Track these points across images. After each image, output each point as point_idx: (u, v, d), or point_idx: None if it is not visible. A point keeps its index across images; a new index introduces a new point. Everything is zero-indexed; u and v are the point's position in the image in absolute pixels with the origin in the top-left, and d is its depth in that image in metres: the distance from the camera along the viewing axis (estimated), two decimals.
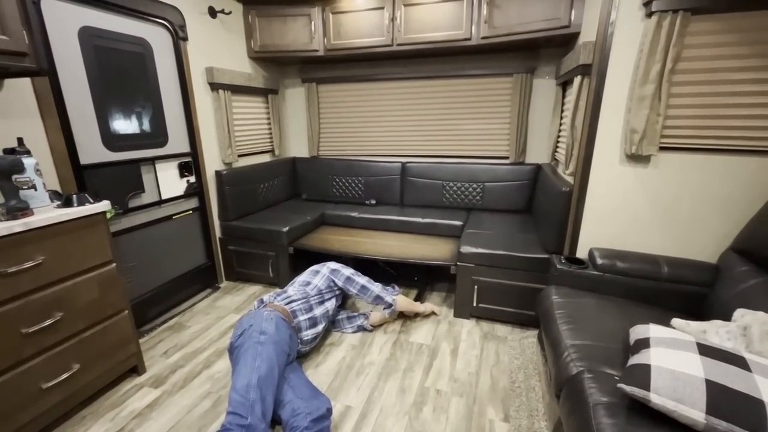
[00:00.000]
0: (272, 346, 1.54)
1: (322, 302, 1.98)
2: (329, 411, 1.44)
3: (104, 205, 1.57)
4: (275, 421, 1.44)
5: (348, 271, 2.13)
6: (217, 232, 2.81)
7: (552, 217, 2.07)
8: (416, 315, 2.34)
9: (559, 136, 2.55)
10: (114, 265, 1.63)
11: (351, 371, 1.84)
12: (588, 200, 1.76)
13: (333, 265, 2.14)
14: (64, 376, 1.45)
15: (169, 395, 1.69)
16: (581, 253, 1.82)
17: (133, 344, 1.76)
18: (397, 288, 2.34)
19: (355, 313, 2.16)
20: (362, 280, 2.13)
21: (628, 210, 1.75)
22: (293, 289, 1.97)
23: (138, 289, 2.20)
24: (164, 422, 1.54)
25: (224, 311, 2.44)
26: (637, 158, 1.68)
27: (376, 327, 2.19)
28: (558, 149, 2.58)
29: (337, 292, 2.11)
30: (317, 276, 2.07)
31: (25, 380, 1.34)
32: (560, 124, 2.54)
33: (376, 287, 2.14)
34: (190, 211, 2.55)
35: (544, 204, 2.30)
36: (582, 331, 1.31)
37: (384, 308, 2.18)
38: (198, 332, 2.20)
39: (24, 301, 1.32)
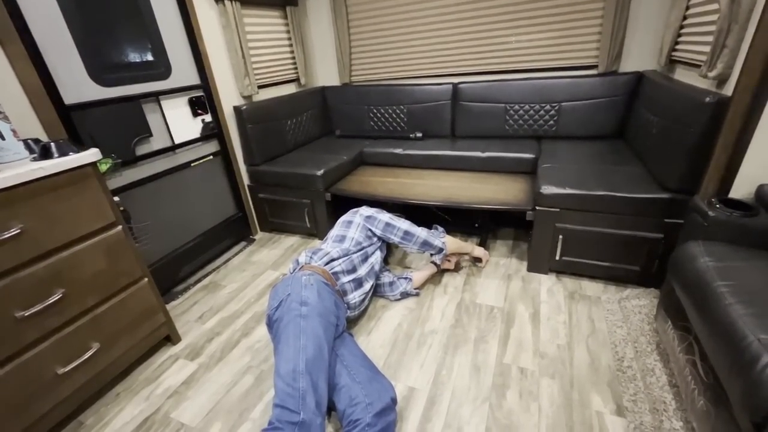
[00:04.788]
0: (317, 319, 1.24)
1: (365, 258, 1.64)
2: (393, 401, 1.16)
3: (92, 154, 1.23)
4: (328, 406, 1.18)
5: (385, 216, 1.74)
6: (245, 179, 2.48)
7: (678, 142, 1.49)
8: (476, 259, 2.01)
9: (682, 26, 1.82)
10: (119, 228, 1.34)
11: (410, 341, 1.54)
12: (766, 114, 1.16)
13: (366, 210, 1.76)
14: (83, 357, 1.25)
15: (207, 369, 1.49)
16: (738, 192, 1.27)
17: (160, 314, 1.53)
18: (441, 228, 1.93)
19: (396, 277, 1.81)
20: (403, 224, 1.75)
21: None
22: (329, 245, 1.63)
23: (163, 248, 1.96)
24: (202, 403, 1.34)
25: (261, 267, 2.19)
26: None
27: (421, 287, 1.84)
28: (678, 46, 1.87)
29: (379, 243, 1.75)
30: (351, 227, 1.70)
31: (35, 368, 1.14)
32: (686, 8, 1.79)
33: (421, 231, 1.76)
34: (211, 156, 2.20)
35: (660, 124, 1.70)
36: None
37: (433, 254, 1.81)
38: (234, 292, 1.98)
39: (9, 280, 1.06)
